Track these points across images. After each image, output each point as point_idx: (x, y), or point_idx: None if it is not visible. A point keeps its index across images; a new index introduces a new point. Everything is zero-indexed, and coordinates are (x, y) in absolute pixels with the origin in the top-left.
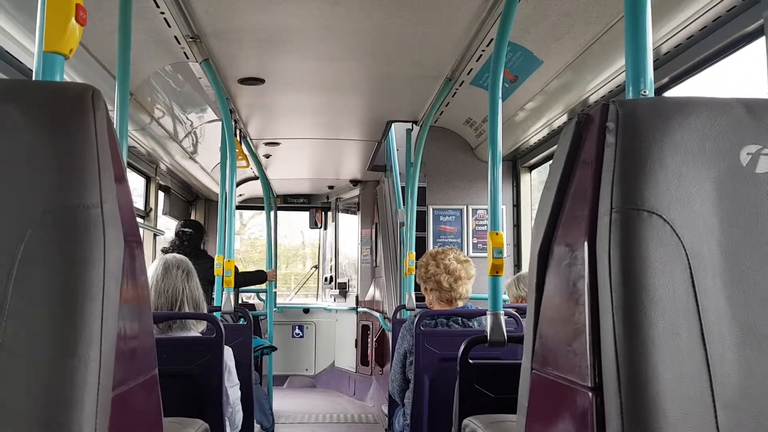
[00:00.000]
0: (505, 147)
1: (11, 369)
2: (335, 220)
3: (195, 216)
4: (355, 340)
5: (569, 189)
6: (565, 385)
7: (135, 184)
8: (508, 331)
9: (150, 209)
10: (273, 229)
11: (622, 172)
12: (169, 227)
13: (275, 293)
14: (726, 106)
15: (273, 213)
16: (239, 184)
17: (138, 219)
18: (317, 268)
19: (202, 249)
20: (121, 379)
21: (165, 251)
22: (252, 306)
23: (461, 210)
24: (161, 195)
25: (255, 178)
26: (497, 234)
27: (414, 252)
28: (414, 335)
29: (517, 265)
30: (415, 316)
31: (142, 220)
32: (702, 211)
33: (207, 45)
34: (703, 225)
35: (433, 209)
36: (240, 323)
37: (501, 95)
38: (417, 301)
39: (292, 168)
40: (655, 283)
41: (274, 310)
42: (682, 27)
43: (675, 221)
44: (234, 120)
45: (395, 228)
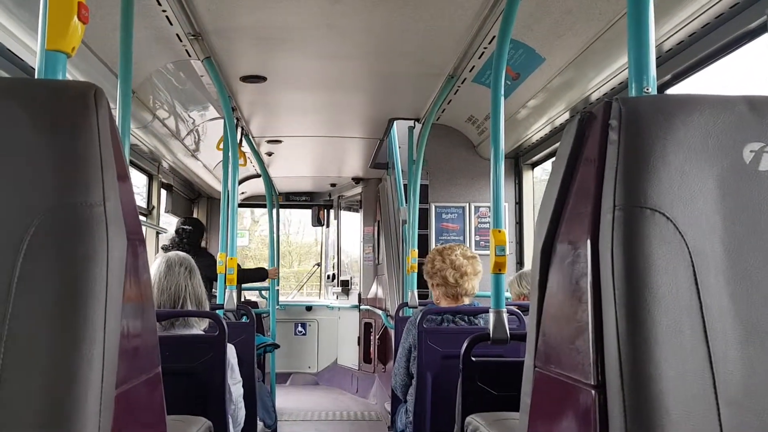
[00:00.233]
0: (507, 144)
1: (15, 367)
2: (337, 217)
3: (197, 214)
4: (358, 337)
5: (572, 186)
6: (568, 383)
7: (137, 182)
8: (510, 329)
9: (152, 207)
10: (275, 227)
11: (625, 169)
12: (172, 225)
13: (278, 291)
14: (729, 103)
15: (275, 211)
16: (241, 182)
17: (140, 217)
18: (320, 265)
19: (202, 246)
20: (125, 377)
21: (165, 249)
22: (255, 304)
23: (463, 207)
24: (163, 193)
25: (257, 176)
26: (500, 231)
27: (416, 250)
28: (416, 332)
29: (520, 263)
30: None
31: (144, 218)
32: (705, 209)
33: (209, 43)
34: (706, 222)
35: (436, 207)
36: (243, 321)
37: (503, 93)
38: (420, 299)
39: (294, 166)
40: (658, 281)
41: (276, 307)
42: (684, 24)
43: (678, 219)
44: (236, 118)
45: (397, 225)
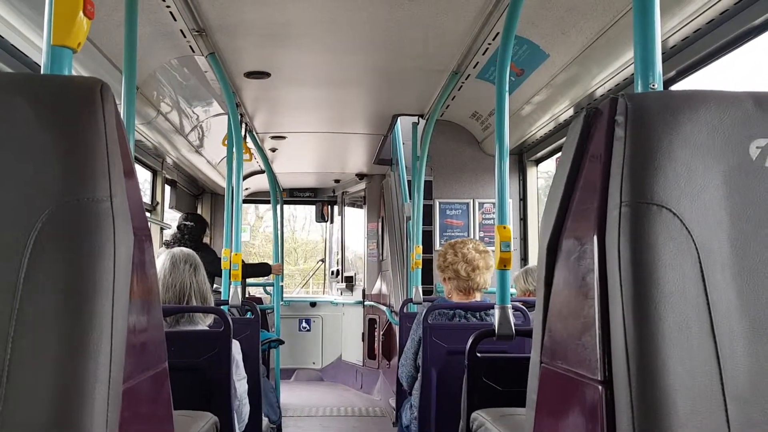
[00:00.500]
0: (512, 141)
1: (23, 363)
2: (341, 213)
3: (201, 210)
4: (362, 333)
5: (578, 182)
6: (575, 379)
7: (141, 177)
8: (515, 325)
9: (157, 203)
10: (279, 223)
11: (631, 165)
12: (176, 221)
13: (282, 287)
14: (735, 99)
15: (279, 207)
16: (245, 178)
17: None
18: (324, 261)
19: (203, 242)
20: (132, 373)
21: (167, 244)
22: (259, 299)
23: (468, 204)
24: (167, 189)
25: (261, 171)
26: (505, 228)
27: (421, 246)
28: (421, 329)
29: (524, 259)
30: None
31: (148, 214)
32: (711, 205)
33: (213, 39)
34: (713, 219)
35: (440, 203)
36: (247, 317)
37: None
38: (424, 295)
39: (298, 162)
40: (665, 277)
41: (281, 303)
42: (689, 20)
43: (684, 215)
44: (240, 114)
45: (401, 222)
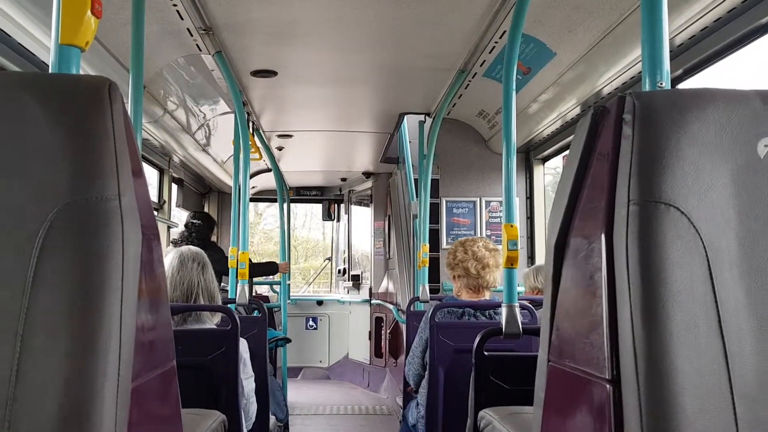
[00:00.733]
0: (518, 139)
1: (32, 361)
2: (348, 212)
3: (208, 208)
4: (369, 332)
5: (585, 181)
6: (583, 377)
7: (148, 176)
8: (522, 323)
9: (164, 201)
10: (286, 222)
11: (639, 164)
12: (183, 220)
13: (289, 285)
14: (743, 98)
15: (286, 205)
16: (252, 176)
17: None
18: (330, 260)
19: (211, 241)
20: (141, 371)
21: (174, 243)
22: (266, 298)
23: (474, 202)
24: (174, 187)
25: (267, 170)
26: (512, 226)
27: (428, 244)
28: (428, 327)
29: (531, 257)
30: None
31: (155, 212)
32: (719, 204)
33: (219, 37)
34: (721, 217)
35: (446, 201)
36: (254, 315)
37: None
38: (431, 293)
39: (304, 160)
40: (673, 276)
41: (287, 302)
42: (696, 18)
43: (692, 213)
44: (247, 112)
45: (408, 220)
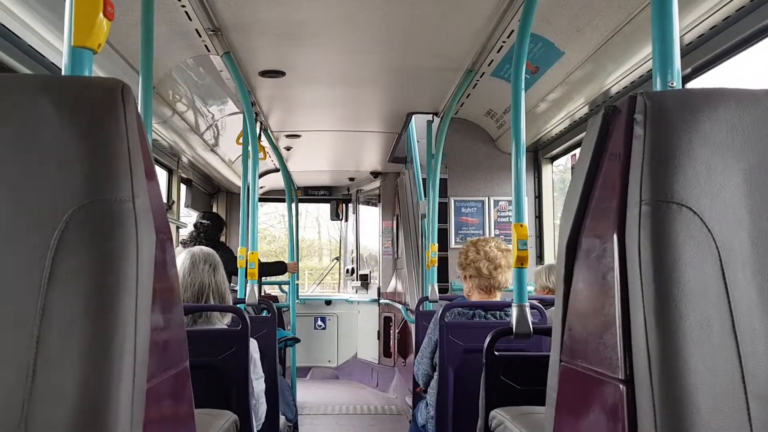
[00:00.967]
0: (527, 138)
1: (48, 362)
2: (356, 212)
3: (216, 209)
4: (378, 331)
5: (597, 181)
6: (595, 377)
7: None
8: (532, 323)
9: (172, 202)
10: (294, 222)
11: (651, 164)
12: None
13: (297, 285)
14: (754, 97)
15: (294, 205)
16: (260, 176)
17: None
18: (339, 259)
19: (220, 241)
20: (155, 371)
21: (183, 243)
22: (275, 298)
23: (483, 201)
24: (183, 188)
25: (276, 170)
26: (522, 226)
27: (436, 244)
28: (438, 327)
29: (539, 257)
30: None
31: None
32: (732, 204)
33: (228, 38)
34: (733, 217)
35: (455, 201)
36: (264, 315)
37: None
38: (440, 293)
39: (312, 160)
40: (686, 276)
41: (296, 301)
42: (705, 17)
43: (705, 213)
44: (255, 113)
45: (416, 220)
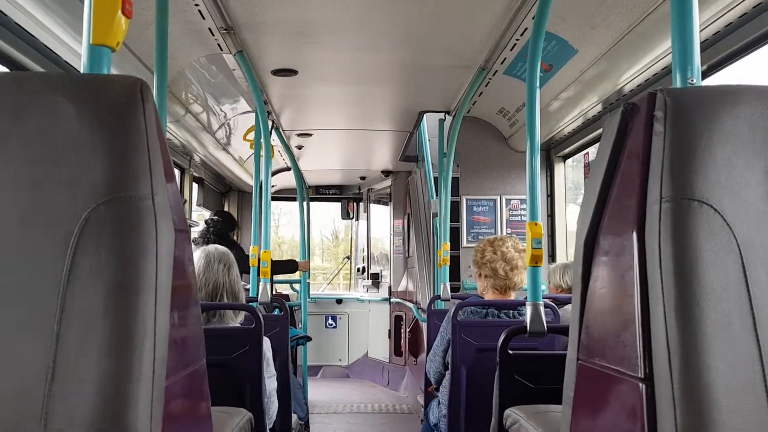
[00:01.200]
0: (540, 137)
1: (68, 360)
2: (367, 210)
3: (228, 207)
4: (389, 330)
5: (615, 178)
6: (614, 376)
7: None
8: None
9: (184, 200)
10: (306, 221)
11: (671, 161)
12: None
13: (309, 284)
14: None
15: (306, 204)
16: (272, 175)
17: None
18: (349, 258)
19: (232, 240)
20: (173, 369)
21: (194, 242)
22: (287, 296)
23: (495, 200)
24: (195, 186)
25: (287, 169)
26: (536, 224)
27: (448, 243)
28: (451, 325)
29: (552, 256)
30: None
31: None
32: (753, 201)
33: (241, 37)
34: (755, 215)
35: (467, 199)
36: (276, 314)
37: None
38: (451, 292)
39: (324, 159)
40: (707, 274)
41: (307, 300)
42: (721, 13)
43: (726, 211)
44: (267, 111)
45: (428, 218)
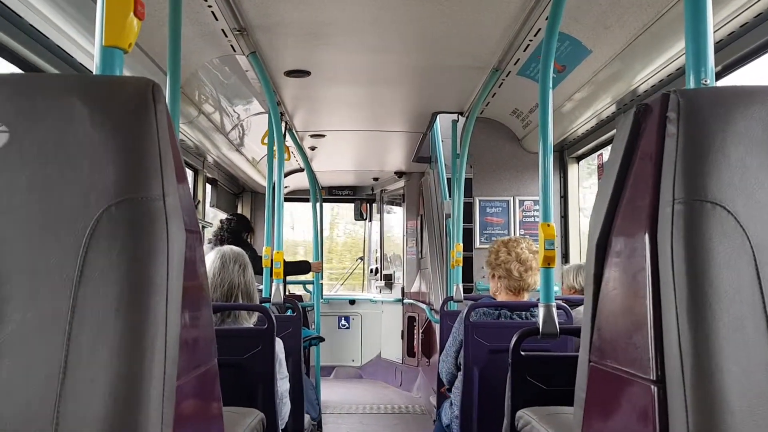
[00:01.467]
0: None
1: (80, 360)
2: (380, 211)
3: (241, 208)
4: (401, 331)
5: (628, 180)
6: (626, 378)
7: None
8: (558, 323)
9: (198, 202)
10: (319, 222)
11: (684, 162)
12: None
13: (322, 285)
14: None
15: (319, 205)
16: (286, 176)
17: None
18: (363, 259)
19: (246, 241)
20: (184, 369)
21: (209, 242)
22: (300, 297)
23: (508, 201)
24: (208, 187)
25: (300, 170)
26: (549, 225)
27: (461, 244)
28: (463, 326)
29: (565, 257)
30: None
31: None
32: (767, 203)
33: (254, 38)
34: None
35: (480, 200)
36: (289, 314)
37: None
38: (464, 293)
39: (337, 160)
40: (720, 276)
41: (320, 301)
42: (736, 14)
43: (739, 212)
44: (280, 112)
45: (441, 220)
